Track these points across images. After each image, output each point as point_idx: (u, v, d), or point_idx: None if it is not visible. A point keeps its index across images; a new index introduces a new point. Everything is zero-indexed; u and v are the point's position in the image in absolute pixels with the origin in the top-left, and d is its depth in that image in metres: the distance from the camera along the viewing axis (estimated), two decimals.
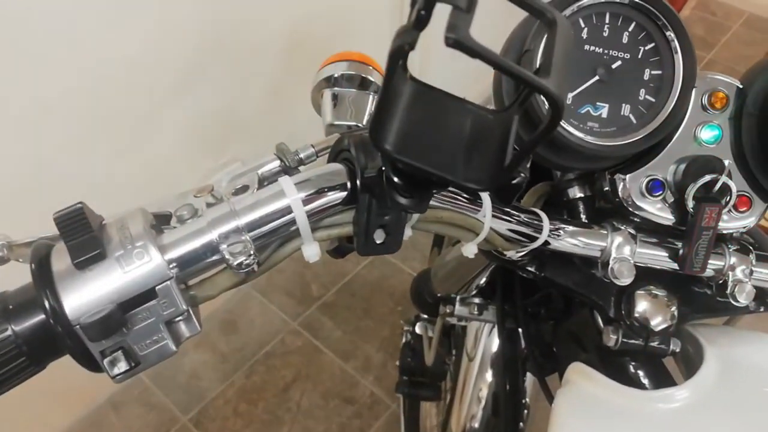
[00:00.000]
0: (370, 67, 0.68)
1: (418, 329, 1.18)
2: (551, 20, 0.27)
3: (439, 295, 0.95)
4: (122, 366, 0.32)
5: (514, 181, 0.31)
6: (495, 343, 0.88)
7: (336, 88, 0.67)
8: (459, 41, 0.22)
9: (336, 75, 0.67)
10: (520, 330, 0.77)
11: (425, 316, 1.18)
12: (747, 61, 2.46)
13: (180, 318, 0.34)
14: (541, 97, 0.36)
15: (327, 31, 1.44)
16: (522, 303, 0.75)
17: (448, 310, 0.86)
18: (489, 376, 0.90)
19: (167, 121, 1.25)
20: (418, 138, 0.29)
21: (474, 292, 0.84)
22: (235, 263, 0.34)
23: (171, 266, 0.33)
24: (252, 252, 0.34)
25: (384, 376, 1.66)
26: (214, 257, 0.34)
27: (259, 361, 1.69)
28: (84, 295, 0.31)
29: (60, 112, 1.05)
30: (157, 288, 0.32)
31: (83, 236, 0.31)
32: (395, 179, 0.33)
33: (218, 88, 1.30)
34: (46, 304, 0.30)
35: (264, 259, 0.37)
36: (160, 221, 0.36)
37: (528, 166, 0.31)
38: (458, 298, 0.84)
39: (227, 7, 1.20)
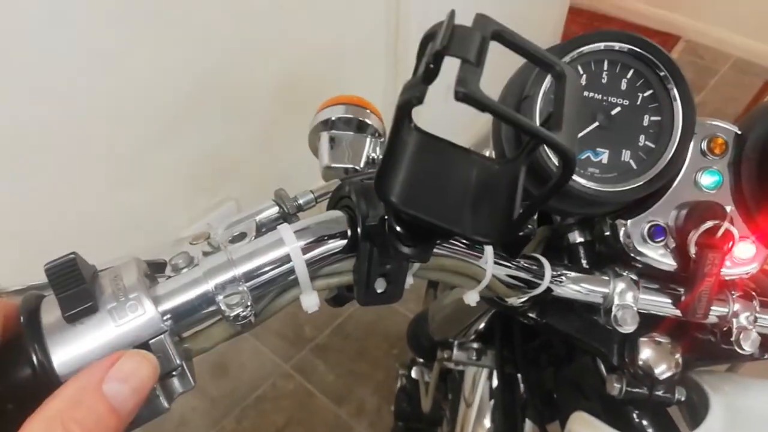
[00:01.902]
0: (368, 111, 0.68)
1: (414, 374, 1.16)
2: (560, 73, 0.27)
3: (436, 339, 0.93)
4: None
5: (522, 233, 0.30)
6: (493, 389, 0.86)
7: (333, 131, 0.67)
8: (469, 95, 0.22)
9: (333, 118, 0.67)
10: (519, 376, 0.75)
11: (421, 361, 1.16)
12: (735, 103, 2.51)
13: (174, 373, 0.32)
14: (548, 149, 0.35)
15: (321, 74, 1.45)
16: (521, 349, 0.73)
17: (446, 356, 0.85)
18: (487, 422, 0.87)
19: (160, 161, 1.25)
20: (423, 189, 0.29)
21: (472, 337, 0.83)
22: (232, 315, 0.32)
23: (165, 318, 0.31)
24: (249, 303, 0.33)
25: (378, 422, 1.62)
26: (210, 308, 0.33)
27: (249, 406, 1.65)
28: (74, 350, 0.29)
29: (53, 153, 1.05)
30: (150, 342, 0.31)
31: (74, 288, 0.29)
32: (398, 229, 0.32)
33: (211, 130, 1.31)
34: (34, 359, 0.29)
35: (261, 309, 0.36)
36: (155, 270, 0.35)
37: (535, 216, 0.31)
38: (456, 343, 0.83)
39: (219, 49, 1.22)
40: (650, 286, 0.49)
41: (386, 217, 0.33)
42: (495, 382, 0.84)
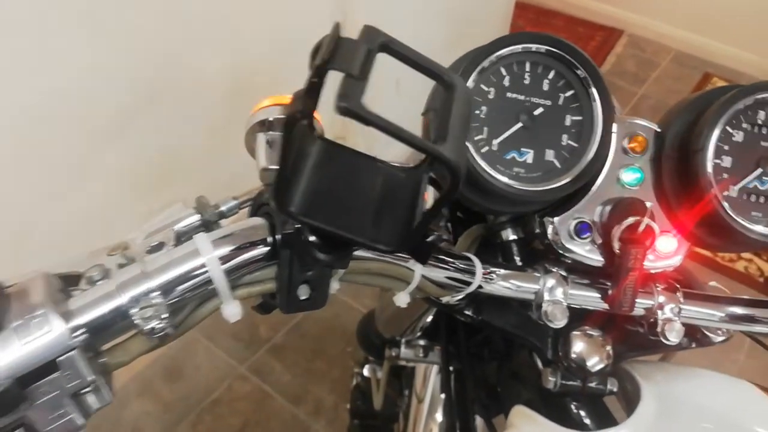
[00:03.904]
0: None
1: (366, 372, 1.16)
2: (449, 84, 0.27)
3: (385, 337, 0.94)
4: None
5: (428, 239, 0.30)
6: (443, 384, 0.87)
7: (270, 133, 0.66)
8: (350, 110, 0.22)
9: (270, 119, 0.67)
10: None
11: (373, 359, 1.16)
12: (676, 95, 2.59)
13: (87, 390, 0.32)
14: None
15: (270, 74, 1.44)
16: (466, 344, 0.74)
17: (393, 353, 0.85)
18: (439, 416, 0.88)
19: (102, 163, 1.22)
20: (325, 199, 0.29)
21: (419, 334, 0.84)
22: (147, 328, 0.32)
23: (76, 334, 0.31)
24: (165, 316, 0.32)
25: (335, 419, 1.62)
26: (124, 322, 0.32)
27: (205, 410, 1.62)
28: None
29: None
30: (59, 360, 0.30)
31: None
32: (311, 237, 0.32)
33: (155, 130, 1.28)
34: None
35: (180, 321, 0.35)
36: (68, 283, 0.34)
37: (443, 224, 0.31)
38: (403, 340, 0.83)
39: (165, 50, 1.19)
40: (579, 281, 0.51)
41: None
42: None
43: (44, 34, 0.99)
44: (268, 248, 0.35)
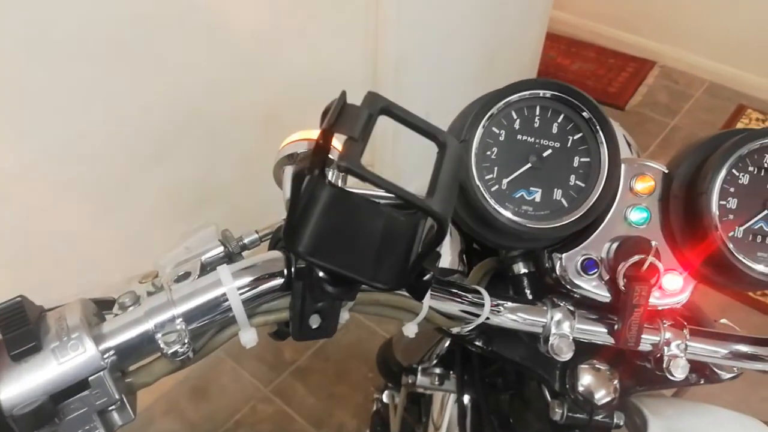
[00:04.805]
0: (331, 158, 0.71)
1: (385, 398, 1.17)
2: (441, 143, 0.30)
3: (403, 364, 0.95)
4: None
5: (425, 278, 0.33)
6: (458, 413, 0.88)
7: (297, 165, 0.69)
8: (350, 169, 0.25)
9: (297, 152, 0.70)
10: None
11: (391, 385, 1.17)
12: (709, 127, 2.57)
13: (113, 407, 0.35)
14: None
15: (302, 105, 1.49)
16: (480, 373, 0.75)
17: (410, 381, 0.87)
18: None
19: (144, 186, 1.27)
20: (331, 240, 0.31)
21: (435, 362, 0.85)
22: (170, 352, 0.35)
23: (106, 356, 0.34)
24: (186, 341, 0.35)
25: None
26: (150, 346, 0.35)
27: (229, 430, 1.65)
28: (18, 387, 0.32)
29: (41, 180, 1.07)
30: (90, 379, 0.33)
31: (20, 329, 0.32)
32: (320, 273, 0.34)
33: (195, 157, 1.34)
34: None
35: (201, 346, 0.38)
36: (103, 307, 0.38)
37: (438, 264, 0.33)
38: (420, 368, 0.84)
39: (203, 80, 1.25)
40: (586, 316, 0.52)
41: None
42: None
43: (98, 69, 1.05)
44: (283, 280, 0.38)
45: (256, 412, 1.69)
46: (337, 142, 0.36)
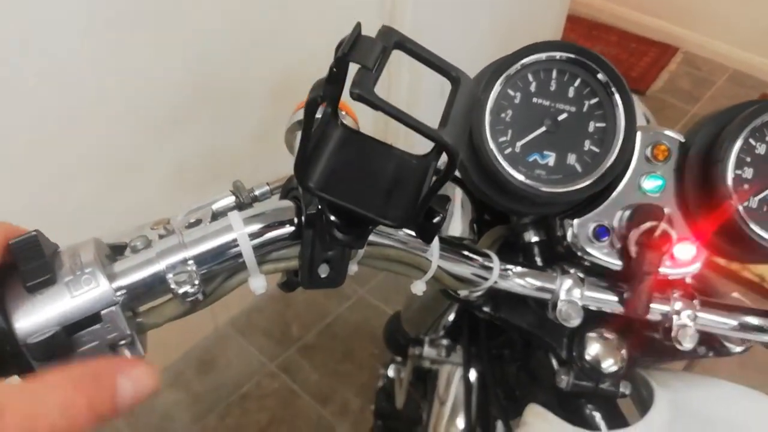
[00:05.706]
0: (343, 112, 0.71)
1: (390, 372, 1.18)
2: (455, 78, 0.30)
3: (410, 335, 0.96)
4: None
5: (435, 220, 0.33)
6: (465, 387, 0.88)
7: None
8: (362, 96, 0.25)
9: None
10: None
11: (399, 359, 1.18)
12: None
13: (123, 342, 0.35)
14: None
15: (315, 75, 1.48)
16: (487, 345, 0.76)
17: (417, 352, 0.87)
18: (461, 420, 0.89)
19: (157, 157, 1.28)
20: (342, 178, 0.32)
21: (442, 333, 0.85)
22: (180, 292, 0.35)
23: (118, 293, 0.34)
24: (196, 282, 0.35)
25: (361, 421, 1.64)
26: (161, 286, 0.36)
27: (234, 403, 1.67)
28: (33, 318, 0.32)
29: (51, 149, 1.08)
30: (102, 313, 0.33)
31: (36, 262, 0.32)
32: (332, 217, 0.35)
33: (209, 128, 1.34)
34: None
35: (211, 290, 0.38)
36: (116, 251, 0.38)
37: (449, 207, 0.33)
38: (427, 339, 0.85)
39: (216, 50, 1.25)
40: (596, 284, 0.52)
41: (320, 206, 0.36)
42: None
43: (111, 35, 1.05)
44: (293, 228, 0.39)
45: (261, 386, 1.71)
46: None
